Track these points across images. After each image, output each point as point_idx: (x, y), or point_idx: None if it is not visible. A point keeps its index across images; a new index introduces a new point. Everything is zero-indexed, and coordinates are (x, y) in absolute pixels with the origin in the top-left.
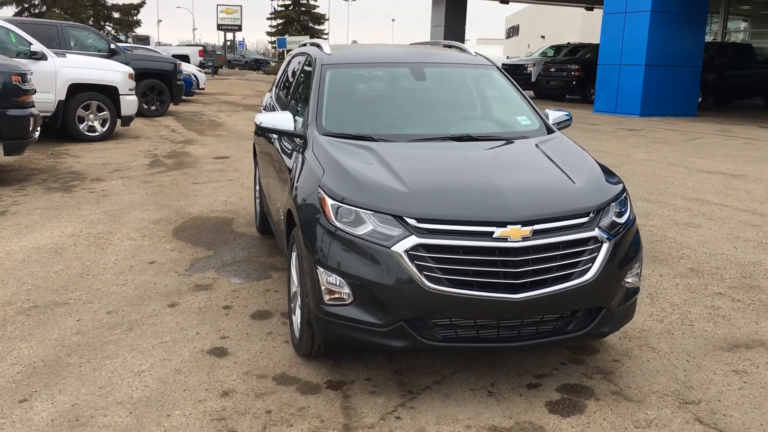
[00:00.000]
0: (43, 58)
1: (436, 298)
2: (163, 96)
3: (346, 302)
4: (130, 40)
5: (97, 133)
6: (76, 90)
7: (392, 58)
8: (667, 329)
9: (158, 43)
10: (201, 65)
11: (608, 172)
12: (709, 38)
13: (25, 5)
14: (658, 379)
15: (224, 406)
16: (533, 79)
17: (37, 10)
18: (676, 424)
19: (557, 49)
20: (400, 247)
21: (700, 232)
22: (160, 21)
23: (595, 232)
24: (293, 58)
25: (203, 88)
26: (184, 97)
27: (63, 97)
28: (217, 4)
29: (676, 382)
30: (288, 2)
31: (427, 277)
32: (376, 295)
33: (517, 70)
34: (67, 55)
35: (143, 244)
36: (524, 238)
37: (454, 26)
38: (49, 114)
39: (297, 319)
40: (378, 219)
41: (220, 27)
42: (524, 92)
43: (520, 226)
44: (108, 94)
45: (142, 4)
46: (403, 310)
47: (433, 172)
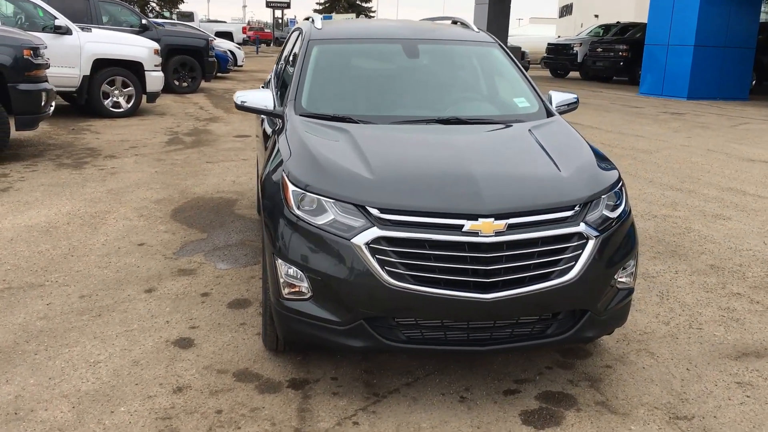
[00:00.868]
0: (68, 32)
1: (399, 295)
2: (195, 72)
3: (305, 297)
4: (175, 17)
5: (122, 109)
6: (101, 65)
7: (386, 34)
8: (672, 332)
9: (207, 20)
10: (244, 42)
11: (603, 161)
12: (763, 18)
13: None
14: (651, 390)
15: (174, 404)
16: (579, 60)
17: None
18: None
19: (606, 28)
20: (360, 240)
21: (729, 225)
22: None
23: (580, 228)
24: (292, 33)
25: (241, 65)
26: (220, 74)
27: (88, 73)
28: None
29: (671, 393)
30: None
31: (389, 273)
32: (334, 290)
33: (563, 50)
34: (93, 29)
35: (137, 225)
36: (497, 233)
37: (499, 2)
38: (74, 89)
39: None
40: (339, 208)
41: (269, 4)
42: (523, 69)
43: (493, 219)
44: (133, 70)
45: None
46: (363, 308)
47: (405, 158)
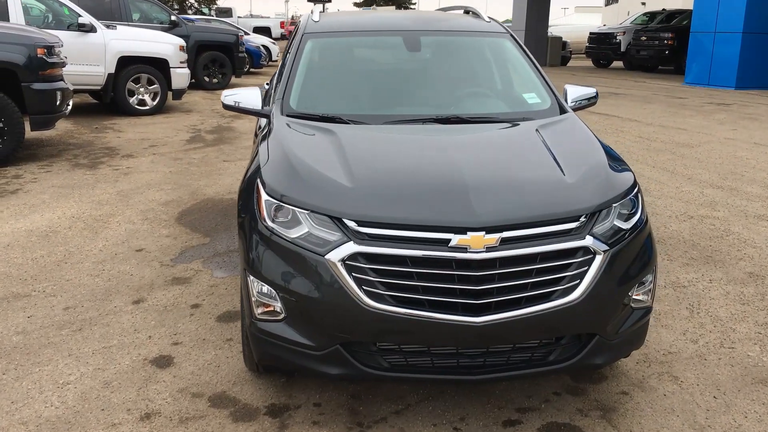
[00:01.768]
0: (92, 30)
1: (378, 318)
2: (225, 68)
3: (279, 318)
4: (213, 13)
5: (148, 107)
6: (126, 63)
7: (387, 25)
8: (700, 353)
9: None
10: (282, 37)
11: (617, 163)
12: None
13: None
14: (671, 422)
15: None
16: (623, 49)
17: None
18: None
19: (651, 16)
20: (335, 256)
21: None
22: None
23: (586, 241)
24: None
25: (276, 60)
26: (253, 70)
27: (113, 70)
28: None
29: (694, 427)
30: None
31: (367, 293)
32: (308, 312)
33: (606, 39)
34: (118, 27)
35: (140, 229)
36: (488, 248)
37: None
38: (99, 87)
39: None
40: (314, 220)
41: None
42: (537, 63)
43: (483, 233)
44: (158, 67)
45: None
46: (339, 332)
47: (391, 164)
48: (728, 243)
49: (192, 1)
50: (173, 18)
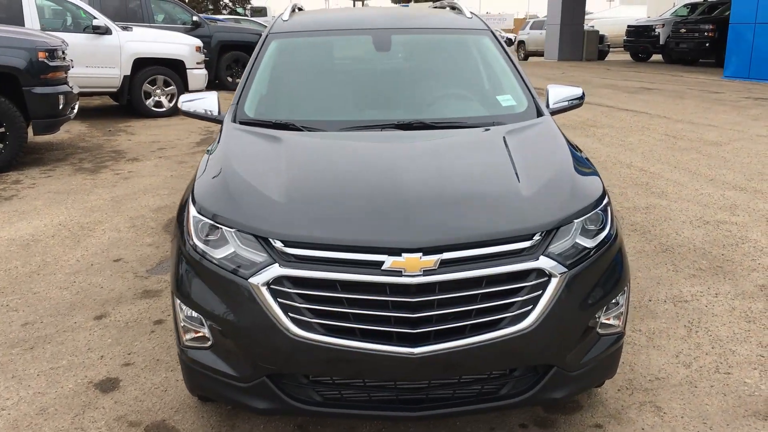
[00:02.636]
0: (108, 32)
1: (306, 348)
2: None
3: (207, 345)
4: (248, 13)
5: (164, 109)
6: (142, 64)
7: (358, 23)
8: (691, 378)
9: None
10: None
11: (586, 173)
12: None
13: None
14: None
15: None
16: (662, 42)
17: None
18: None
19: (692, 7)
20: (259, 279)
21: None
22: None
23: (540, 262)
24: None
25: None
26: None
27: (128, 72)
28: None
29: None
30: None
31: (294, 321)
32: (233, 340)
33: (644, 31)
34: (134, 28)
35: (123, 237)
36: (426, 272)
37: None
38: (114, 89)
39: None
40: (241, 239)
41: None
42: (517, 62)
43: (420, 254)
44: (174, 68)
45: None
46: (264, 363)
47: (331, 176)
48: (742, 252)
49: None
50: (195, 18)
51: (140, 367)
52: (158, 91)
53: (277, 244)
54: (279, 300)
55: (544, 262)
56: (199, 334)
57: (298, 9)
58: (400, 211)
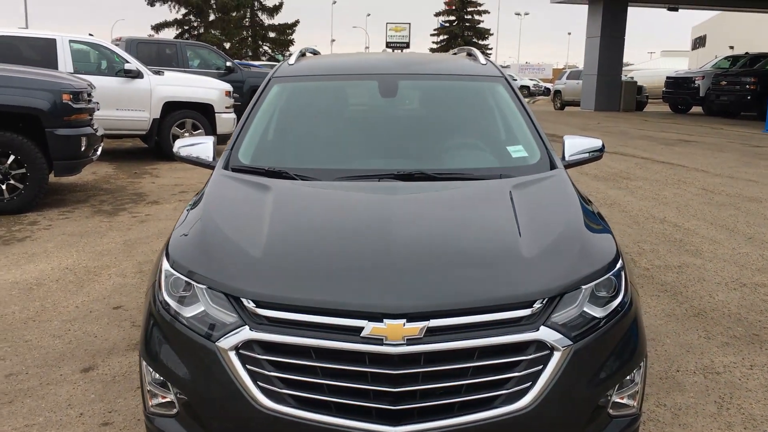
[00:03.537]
0: (139, 75)
1: (276, 423)
2: None
3: (172, 413)
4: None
5: None
6: (172, 108)
7: (365, 68)
8: None
9: None
10: None
11: (598, 233)
12: None
13: (185, 27)
14: None
15: None
16: (702, 94)
17: (195, 32)
18: None
19: (734, 59)
20: (227, 343)
21: None
22: (333, 40)
23: (540, 333)
24: None
25: None
26: None
27: (158, 116)
28: (387, 23)
29: None
30: (453, 18)
31: (264, 391)
32: (196, 408)
33: (684, 83)
34: (165, 72)
35: (128, 283)
36: (410, 341)
37: (613, 36)
38: (143, 132)
39: None
40: (212, 297)
41: (388, 45)
42: (531, 111)
43: (404, 321)
44: (204, 112)
45: (296, 24)
46: None
47: (315, 231)
48: None
49: (266, 48)
50: (228, 64)
51: (118, 427)
52: (186, 135)
53: (249, 305)
54: (248, 367)
55: (546, 334)
56: (166, 400)
57: (312, 53)
58: (385, 271)
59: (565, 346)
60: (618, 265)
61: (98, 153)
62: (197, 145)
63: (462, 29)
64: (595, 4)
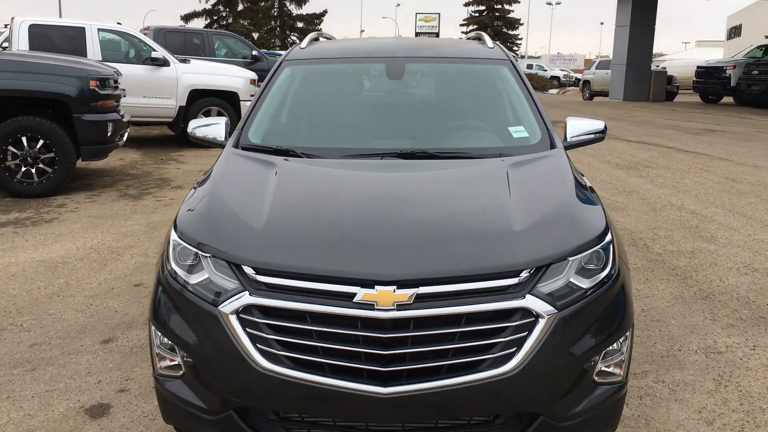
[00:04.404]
0: (165, 64)
1: (273, 382)
2: None
3: (179, 375)
4: None
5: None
6: (197, 96)
7: (373, 51)
8: None
9: None
10: None
11: (589, 209)
12: None
13: (214, 17)
14: None
15: None
16: (733, 84)
17: (224, 22)
18: None
19: (766, 48)
20: (228, 308)
21: None
22: (362, 31)
23: (526, 301)
24: None
25: None
26: None
27: (184, 103)
28: (416, 13)
29: None
30: (482, 8)
31: (262, 353)
32: (202, 369)
33: (714, 73)
34: (192, 61)
35: (149, 263)
36: (400, 306)
37: (643, 26)
38: (170, 119)
39: None
40: (215, 265)
41: (417, 35)
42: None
43: (394, 287)
44: (229, 100)
45: (324, 14)
46: (232, 395)
47: (314, 204)
48: None
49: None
50: (254, 53)
51: (134, 393)
52: None
53: (249, 272)
54: (248, 330)
55: (532, 302)
56: (173, 363)
57: (324, 38)
58: (379, 242)
59: (550, 314)
60: (607, 239)
61: (124, 138)
62: (211, 126)
63: (492, 19)
64: None
